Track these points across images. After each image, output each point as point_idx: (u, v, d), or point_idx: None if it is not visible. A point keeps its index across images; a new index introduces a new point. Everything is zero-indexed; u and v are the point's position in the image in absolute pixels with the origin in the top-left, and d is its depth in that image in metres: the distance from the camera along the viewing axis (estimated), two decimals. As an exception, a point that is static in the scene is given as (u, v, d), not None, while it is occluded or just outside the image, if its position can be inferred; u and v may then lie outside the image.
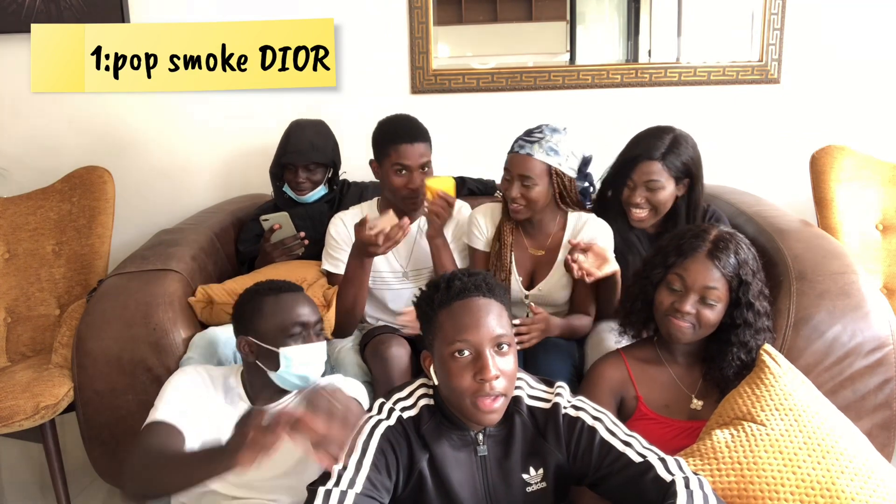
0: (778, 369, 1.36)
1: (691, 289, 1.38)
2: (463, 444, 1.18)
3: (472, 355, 1.11)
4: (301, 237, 2.00)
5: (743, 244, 1.41)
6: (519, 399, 1.21)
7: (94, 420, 1.69)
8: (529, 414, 1.21)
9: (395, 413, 1.18)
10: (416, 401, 1.21)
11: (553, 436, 1.18)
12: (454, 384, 1.11)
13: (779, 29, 2.43)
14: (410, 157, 1.80)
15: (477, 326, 1.11)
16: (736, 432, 1.29)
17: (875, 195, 2.17)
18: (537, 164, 1.69)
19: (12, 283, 2.15)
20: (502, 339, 1.12)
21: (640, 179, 1.76)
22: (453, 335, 1.11)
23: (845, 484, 1.20)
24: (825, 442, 1.25)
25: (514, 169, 1.71)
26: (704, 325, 1.39)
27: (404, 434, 1.16)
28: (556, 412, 1.19)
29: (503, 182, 1.76)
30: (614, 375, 1.47)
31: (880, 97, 2.48)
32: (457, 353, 1.11)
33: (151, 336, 1.65)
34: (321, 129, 2.14)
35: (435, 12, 2.44)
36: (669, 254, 1.42)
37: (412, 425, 1.18)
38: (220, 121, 2.55)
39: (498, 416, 1.14)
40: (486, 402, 1.11)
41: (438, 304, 1.14)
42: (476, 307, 1.12)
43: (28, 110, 2.55)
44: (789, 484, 1.21)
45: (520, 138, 1.74)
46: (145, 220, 2.52)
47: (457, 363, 1.11)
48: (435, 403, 1.20)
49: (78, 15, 2.43)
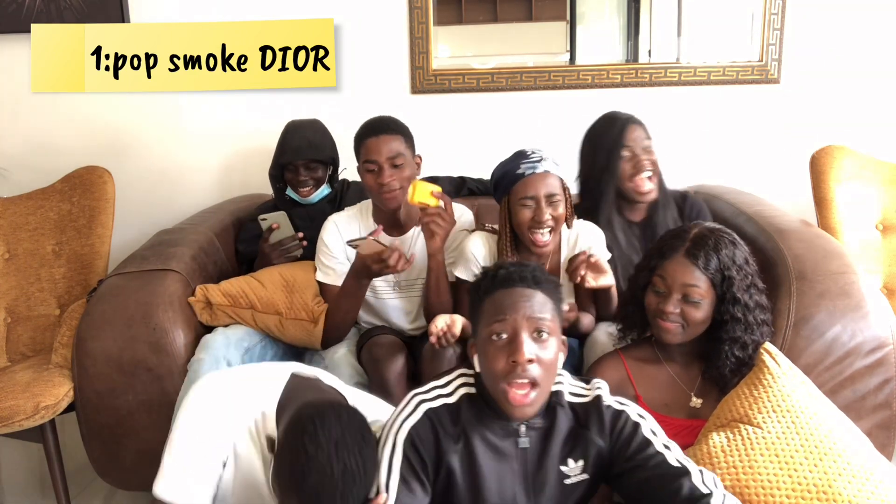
0: (777, 369, 1.35)
1: (672, 289, 1.39)
2: (505, 434, 1.17)
3: (507, 338, 1.11)
4: (299, 238, 2.00)
5: (726, 240, 1.41)
6: (560, 393, 1.21)
7: (94, 420, 1.70)
8: (570, 408, 1.21)
9: (423, 406, 1.16)
10: (455, 388, 1.20)
11: (596, 424, 1.18)
12: (490, 366, 1.12)
13: (779, 29, 2.43)
14: (375, 150, 1.74)
15: (515, 309, 1.12)
16: (732, 435, 1.29)
17: (875, 195, 2.16)
18: (556, 179, 1.64)
19: (12, 283, 2.15)
20: (542, 324, 1.12)
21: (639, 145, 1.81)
22: (493, 317, 1.13)
23: (843, 485, 1.19)
24: (823, 443, 1.25)
25: (540, 190, 1.60)
26: (692, 324, 1.40)
27: (431, 429, 1.14)
28: (599, 403, 1.19)
29: (520, 211, 1.62)
30: (613, 376, 1.46)
31: (880, 97, 2.47)
32: (494, 336, 1.12)
33: (151, 336, 1.65)
34: (318, 127, 2.13)
35: (435, 12, 2.44)
36: (652, 256, 1.45)
37: (446, 414, 1.16)
38: (220, 121, 2.55)
39: (532, 411, 1.13)
40: (518, 395, 1.10)
41: (484, 292, 1.16)
42: (518, 293, 1.13)
43: (28, 110, 2.55)
44: (785, 487, 1.20)
45: (522, 162, 1.64)
46: (145, 220, 2.52)
47: (494, 345, 1.12)
48: (477, 392, 1.19)
49: (78, 15, 2.43)
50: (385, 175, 1.74)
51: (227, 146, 2.58)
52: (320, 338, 1.75)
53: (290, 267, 1.91)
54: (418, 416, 1.15)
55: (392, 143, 1.76)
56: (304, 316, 1.75)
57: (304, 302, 1.77)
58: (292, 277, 1.82)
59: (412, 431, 1.14)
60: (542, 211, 1.61)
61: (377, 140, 1.75)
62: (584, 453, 1.19)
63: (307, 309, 1.77)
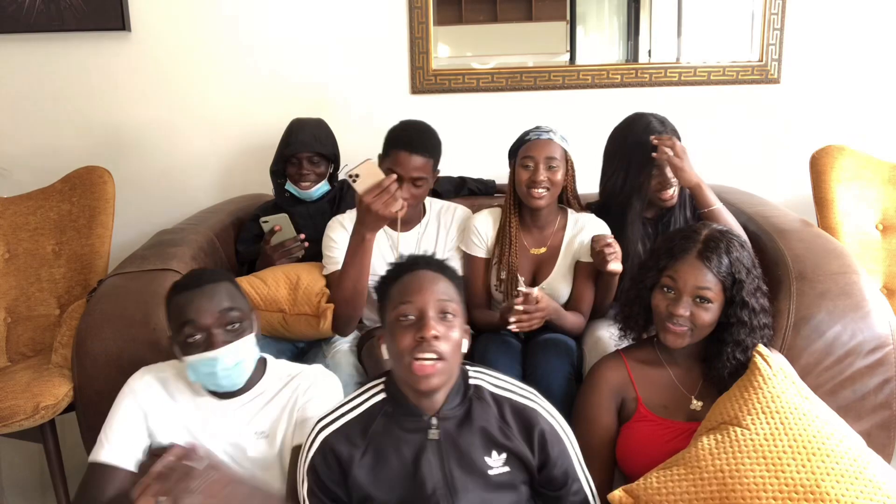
0: (768, 370, 1.34)
1: (684, 291, 1.37)
2: (416, 428, 1.19)
3: (415, 318, 1.14)
4: (301, 239, 2.00)
5: (735, 242, 1.40)
6: (479, 388, 1.23)
7: (94, 420, 1.69)
8: (494, 401, 1.22)
9: (321, 436, 1.19)
10: (364, 399, 1.23)
11: (522, 435, 1.20)
12: (397, 346, 1.14)
13: (779, 29, 2.43)
14: (403, 165, 1.75)
15: (421, 290, 1.16)
16: (721, 438, 1.28)
17: (875, 195, 2.16)
18: (559, 148, 1.77)
19: (12, 283, 2.15)
20: (447, 306, 1.16)
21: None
22: (399, 300, 1.16)
23: (830, 485, 1.19)
24: (811, 444, 1.24)
25: (540, 153, 1.74)
26: (700, 327, 1.38)
27: (331, 453, 1.17)
28: (534, 419, 1.21)
29: (521, 172, 1.76)
30: (615, 377, 1.47)
31: (880, 97, 2.48)
32: (401, 318, 1.15)
33: (151, 336, 1.65)
34: (322, 125, 2.15)
35: (435, 12, 2.44)
36: (661, 257, 1.42)
37: (352, 429, 1.19)
38: (220, 121, 2.55)
39: (437, 382, 1.13)
40: (424, 365, 1.12)
41: (392, 279, 1.21)
42: (423, 277, 1.18)
43: (28, 110, 2.55)
44: (772, 489, 1.19)
45: (531, 132, 1.79)
46: (145, 220, 2.52)
47: (401, 326, 1.15)
48: (387, 394, 1.22)
49: (78, 16, 2.43)
50: (403, 190, 1.74)
51: (227, 146, 2.58)
52: (328, 330, 1.73)
53: (294, 267, 1.91)
54: (315, 447, 1.19)
55: (420, 163, 1.77)
56: (308, 311, 1.74)
57: (308, 297, 1.76)
58: (296, 276, 1.82)
59: (312, 462, 1.18)
60: (538, 171, 1.73)
61: (410, 157, 1.76)
62: (506, 449, 1.20)
63: (311, 304, 1.75)
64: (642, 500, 1.25)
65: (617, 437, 1.45)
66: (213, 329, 1.29)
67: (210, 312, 1.29)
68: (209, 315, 1.29)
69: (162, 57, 2.50)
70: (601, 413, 1.44)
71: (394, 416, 1.20)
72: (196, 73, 2.52)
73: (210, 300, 1.30)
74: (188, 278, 1.36)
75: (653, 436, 1.41)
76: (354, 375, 1.68)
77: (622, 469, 1.45)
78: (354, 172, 1.54)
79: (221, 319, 1.30)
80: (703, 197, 1.76)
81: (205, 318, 1.29)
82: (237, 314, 1.32)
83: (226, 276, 1.38)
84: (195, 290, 1.30)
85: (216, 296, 1.31)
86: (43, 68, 2.51)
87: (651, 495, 1.25)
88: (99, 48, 2.49)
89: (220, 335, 1.30)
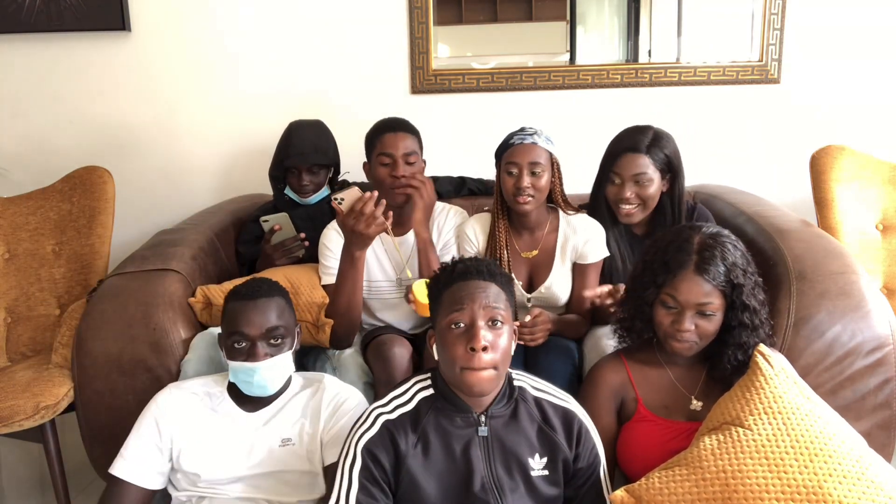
0: (769, 370, 1.34)
1: (686, 307, 1.36)
2: (465, 424, 1.23)
3: (465, 326, 1.18)
4: (301, 238, 2.00)
5: (728, 244, 1.38)
6: (523, 389, 1.28)
7: (94, 420, 1.69)
8: (536, 404, 1.27)
9: (381, 419, 1.22)
10: (412, 395, 1.26)
11: (564, 434, 1.25)
12: (448, 354, 1.18)
13: (779, 29, 2.43)
14: (392, 145, 1.80)
15: (472, 300, 1.19)
16: (722, 438, 1.28)
17: (875, 195, 2.16)
18: (543, 152, 1.75)
19: (12, 283, 2.15)
20: (496, 314, 1.19)
21: (628, 174, 1.78)
22: (450, 308, 1.19)
23: (833, 486, 1.19)
24: (813, 445, 1.24)
25: (524, 158, 1.72)
26: (704, 337, 1.38)
27: (389, 438, 1.20)
28: (573, 416, 1.27)
29: (506, 178, 1.75)
30: (614, 378, 1.47)
31: (880, 97, 2.48)
32: (453, 325, 1.18)
33: (151, 336, 1.65)
34: (321, 130, 2.14)
35: (435, 12, 2.44)
36: (657, 271, 1.39)
37: (405, 421, 1.22)
38: (220, 121, 2.55)
39: (489, 387, 1.18)
40: (475, 374, 1.16)
41: (444, 285, 1.23)
42: (474, 285, 1.20)
43: (28, 110, 2.55)
44: (774, 490, 1.19)
45: (514, 135, 1.77)
46: (145, 220, 2.52)
47: (452, 334, 1.18)
48: (436, 390, 1.25)
49: (78, 16, 2.43)
50: (399, 169, 1.80)
51: (227, 146, 2.58)
52: (327, 339, 1.74)
53: (294, 269, 1.91)
54: (376, 429, 1.20)
55: (408, 141, 1.83)
56: (309, 318, 1.75)
57: (309, 304, 1.76)
58: (297, 280, 1.82)
59: (369, 443, 1.19)
60: (522, 178, 1.72)
61: (395, 136, 1.81)
62: (549, 452, 1.24)
63: (311, 311, 1.76)
64: (644, 500, 1.25)
65: (617, 437, 1.45)
66: (257, 341, 1.36)
67: (258, 326, 1.36)
68: (256, 328, 1.36)
69: (162, 57, 2.50)
70: (601, 413, 1.44)
71: (444, 412, 1.23)
72: (196, 72, 2.52)
73: (261, 315, 1.37)
74: (246, 287, 1.42)
75: (653, 436, 1.41)
76: (361, 376, 1.68)
77: (622, 469, 1.45)
78: (340, 196, 1.59)
79: (267, 334, 1.37)
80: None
81: (252, 331, 1.36)
82: (282, 331, 1.39)
83: (280, 292, 1.44)
84: (249, 302, 1.37)
85: (267, 311, 1.38)
86: (43, 68, 2.51)
87: (653, 495, 1.25)
88: (99, 48, 2.49)
89: (262, 348, 1.37)
